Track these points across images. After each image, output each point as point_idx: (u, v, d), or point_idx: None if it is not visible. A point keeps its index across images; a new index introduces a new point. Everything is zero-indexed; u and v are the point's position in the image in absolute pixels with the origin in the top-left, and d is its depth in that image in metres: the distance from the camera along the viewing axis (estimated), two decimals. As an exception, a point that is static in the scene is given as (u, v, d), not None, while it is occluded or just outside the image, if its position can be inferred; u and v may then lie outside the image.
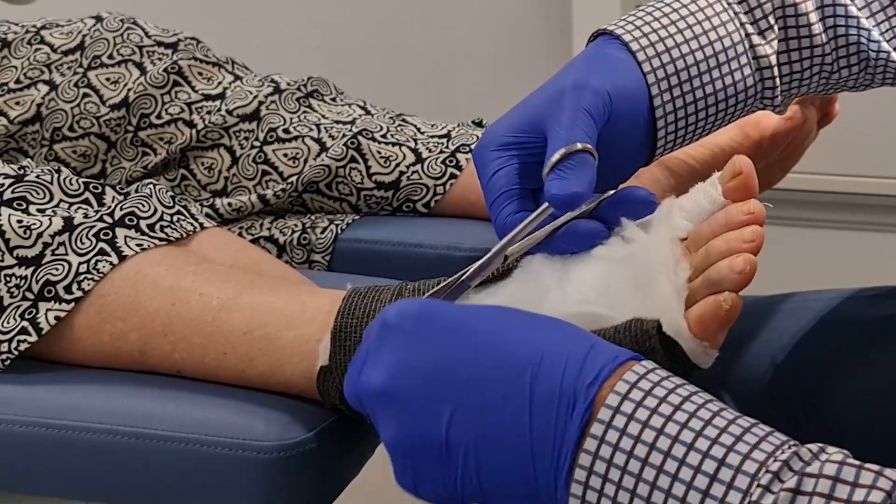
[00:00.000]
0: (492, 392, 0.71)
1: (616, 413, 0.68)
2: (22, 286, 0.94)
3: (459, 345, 0.73)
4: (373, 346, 0.75)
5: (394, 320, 0.74)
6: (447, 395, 0.71)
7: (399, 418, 0.72)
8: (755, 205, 0.83)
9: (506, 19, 2.30)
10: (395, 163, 1.24)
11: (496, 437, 0.71)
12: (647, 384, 0.69)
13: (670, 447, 0.67)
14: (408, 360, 0.73)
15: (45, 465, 0.92)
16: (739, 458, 0.66)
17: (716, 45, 0.91)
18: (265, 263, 1.04)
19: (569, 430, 0.69)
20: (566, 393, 0.70)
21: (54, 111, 1.26)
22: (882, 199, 2.15)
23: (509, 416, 0.70)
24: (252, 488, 0.88)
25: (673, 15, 0.91)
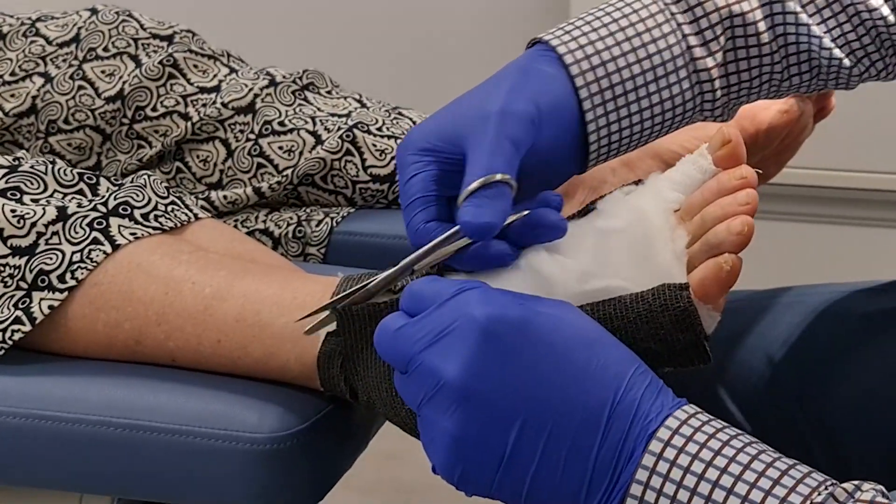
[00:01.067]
0: (572, 416, 0.73)
1: (659, 459, 0.71)
2: (16, 276, 0.94)
3: (549, 364, 0.74)
4: (456, 333, 0.74)
5: (488, 324, 0.74)
6: (525, 410, 0.73)
7: (469, 418, 0.73)
8: (746, 170, 0.84)
9: (503, 13, 2.30)
10: (391, 156, 1.24)
11: (561, 460, 0.73)
12: (689, 429, 0.72)
13: (710, 492, 0.69)
14: (493, 369, 0.74)
15: (39, 457, 0.92)
16: (777, 502, 0.68)
17: (654, 58, 0.89)
18: (259, 254, 1.04)
19: (624, 474, 0.72)
20: (632, 437, 0.72)
21: (49, 103, 1.26)
22: (878, 193, 2.16)
23: (582, 444, 0.73)
24: (245, 479, 0.88)
25: (612, 25, 0.89)
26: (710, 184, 0.84)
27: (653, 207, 0.85)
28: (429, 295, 0.77)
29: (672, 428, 0.72)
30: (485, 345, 0.74)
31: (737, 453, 0.70)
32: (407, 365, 0.76)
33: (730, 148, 0.84)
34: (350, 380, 0.89)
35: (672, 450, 0.71)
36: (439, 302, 0.76)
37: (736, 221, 0.81)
